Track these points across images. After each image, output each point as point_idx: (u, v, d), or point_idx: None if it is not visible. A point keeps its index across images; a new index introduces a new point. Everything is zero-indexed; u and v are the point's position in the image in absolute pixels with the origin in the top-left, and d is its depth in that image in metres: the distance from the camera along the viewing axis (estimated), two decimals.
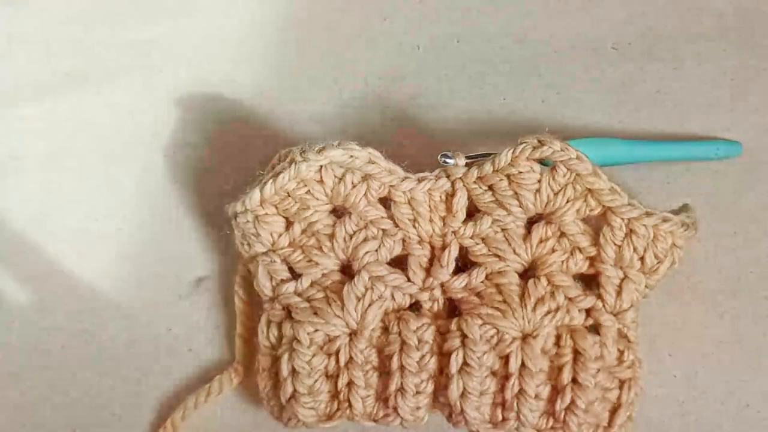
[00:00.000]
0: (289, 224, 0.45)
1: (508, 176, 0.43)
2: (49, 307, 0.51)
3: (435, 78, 0.53)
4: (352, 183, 0.44)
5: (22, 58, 0.55)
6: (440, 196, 0.45)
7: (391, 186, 0.44)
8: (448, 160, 0.44)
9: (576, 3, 0.53)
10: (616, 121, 0.51)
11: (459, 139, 0.52)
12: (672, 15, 0.53)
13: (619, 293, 0.44)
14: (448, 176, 0.44)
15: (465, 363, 0.43)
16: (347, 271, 0.46)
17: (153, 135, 0.53)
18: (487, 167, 0.43)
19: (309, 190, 0.44)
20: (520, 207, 0.43)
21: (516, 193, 0.43)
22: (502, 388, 0.43)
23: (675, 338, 0.48)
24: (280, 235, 0.45)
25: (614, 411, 0.44)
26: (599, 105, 0.51)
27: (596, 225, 0.44)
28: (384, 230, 0.45)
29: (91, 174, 0.53)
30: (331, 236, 0.45)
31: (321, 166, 0.44)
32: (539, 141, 0.43)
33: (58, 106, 0.54)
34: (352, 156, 0.43)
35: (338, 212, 0.46)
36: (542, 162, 0.43)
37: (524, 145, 0.43)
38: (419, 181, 0.44)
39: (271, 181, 0.43)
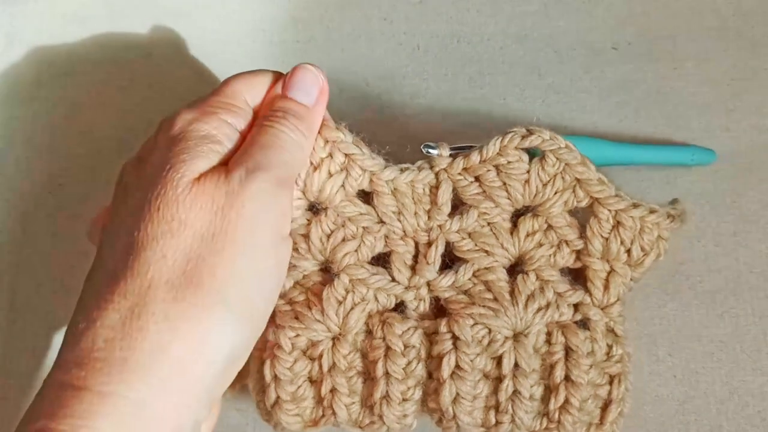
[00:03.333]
0: None
1: (496, 166, 0.42)
2: (48, 307, 0.51)
3: (435, 78, 0.53)
4: (329, 172, 0.41)
5: (22, 58, 0.55)
6: (423, 189, 0.42)
7: (372, 174, 0.41)
8: (431, 151, 0.42)
9: (576, 3, 0.53)
10: (616, 121, 0.51)
11: (459, 139, 0.52)
12: (672, 15, 0.53)
13: (606, 287, 0.43)
14: (431, 167, 0.42)
15: (458, 366, 0.41)
16: (330, 269, 0.43)
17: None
18: (474, 157, 0.42)
19: None
20: (509, 198, 0.42)
21: (505, 183, 0.42)
22: (494, 391, 0.41)
23: (675, 338, 0.48)
24: None
25: (605, 407, 0.43)
26: (599, 105, 0.51)
27: (582, 218, 0.43)
28: (364, 228, 0.42)
29: (91, 174, 0.53)
30: (306, 236, 0.42)
31: None
32: (528, 130, 0.42)
33: (58, 106, 0.54)
34: (339, 127, 0.41)
35: (315, 210, 0.42)
36: (529, 153, 0.42)
37: (512, 134, 0.42)
38: (401, 171, 0.42)
39: None
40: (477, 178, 0.42)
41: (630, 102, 0.51)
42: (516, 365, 0.41)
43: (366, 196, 0.42)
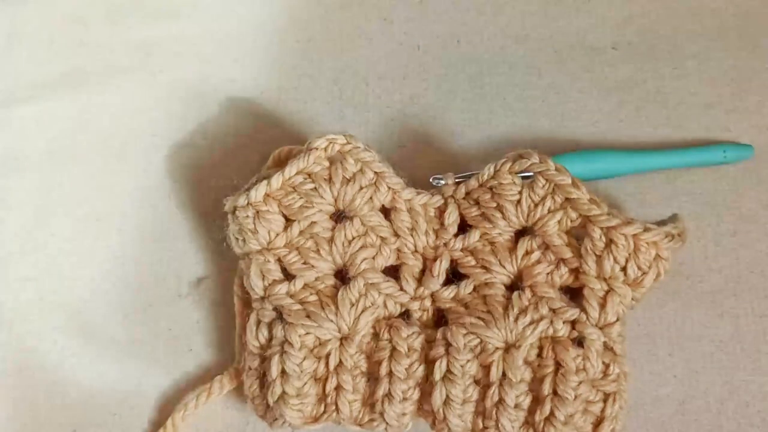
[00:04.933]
0: (287, 225, 0.45)
1: (491, 189, 0.45)
2: (49, 307, 0.51)
3: (435, 78, 0.53)
4: (361, 186, 0.45)
5: (22, 58, 0.55)
6: (434, 212, 0.46)
7: (395, 192, 0.45)
8: (439, 182, 0.47)
9: (576, 3, 0.53)
10: (616, 121, 0.51)
11: (459, 140, 0.52)
12: (672, 15, 0.53)
13: (603, 306, 0.43)
14: (441, 194, 0.46)
15: (449, 371, 0.43)
16: (338, 276, 0.46)
17: (153, 135, 0.53)
18: (473, 182, 0.45)
19: (316, 187, 0.44)
20: (504, 219, 0.44)
21: (499, 204, 0.44)
22: (484, 397, 0.43)
23: (675, 338, 0.48)
24: (278, 235, 0.45)
25: (598, 424, 0.44)
26: (599, 105, 0.51)
27: (583, 239, 0.44)
28: (383, 238, 0.45)
29: (91, 174, 0.53)
30: (330, 240, 0.45)
31: (331, 165, 0.45)
32: (519, 155, 0.44)
33: (58, 105, 0.54)
34: (368, 148, 0.45)
35: (336, 219, 0.46)
36: (527, 177, 0.44)
37: (505, 159, 0.45)
38: (417, 193, 0.46)
39: (279, 173, 0.44)
40: (476, 201, 0.45)
41: (630, 102, 0.51)
42: (504, 375, 0.43)
43: (384, 213, 0.46)
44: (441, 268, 0.45)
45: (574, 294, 0.45)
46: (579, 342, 0.43)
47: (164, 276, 0.51)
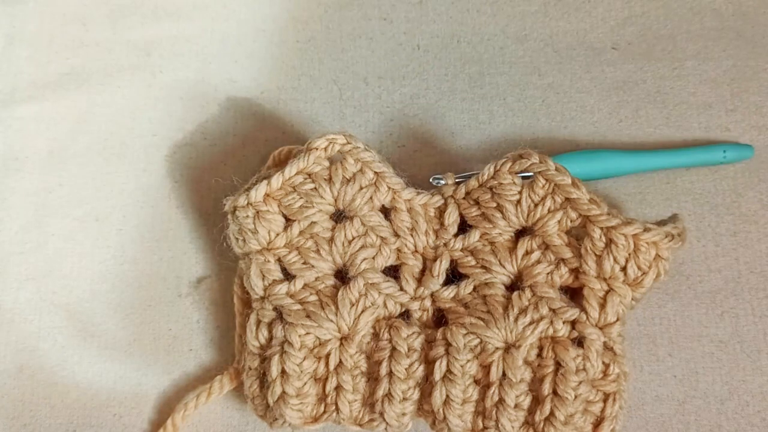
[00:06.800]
0: (287, 225, 0.45)
1: (491, 189, 0.45)
2: (49, 307, 0.51)
3: (435, 78, 0.53)
4: (360, 186, 0.45)
5: (22, 58, 0.55)
6: (434, 212, 0.46)
7: (395, 192, 0.45)
8: (439, 182, 0.47)
9: (576, 3, 0.53)
10: (616, 121, 0.51)
11: (459, 140, 0.52)
12: (672, 15, 0.53)
13: (603, 306, 0.43)
14: (441, 194, 0.46)
15: (448, 371, 0.43)
16: (338, 276, 0.46)
17: (153, 135, 0.53)
18: (473, 182, 0.45)
19: (316, 187, 0.44)
20: (504, 219, 0.44)
21: (499, 204, 0.44)
22: (484, 397, 0.43)
23: (675, 338, 0.48)
24: (278, 235, 0.45)
25: (598, 424, 0.44)
26: (599, 105, 0.52)
27: (583, 239, 0.44)
28: (383, 238, 0.45)
29: (91, 174, 0.53)
30: (331, 240, 0.45)
31: (331, 165, 0.45)
32: (519, 155, 0.44)
33: (58, 105, 0.54)
34: (368, 148, 0.45)
35: (336, 219, 0.46)
36: (527, 177, 0.44)
37: (505, 159, 0.45)
38: (418, 193, 0.46)
39: (279, 173, 0.44)
40: (476, 201, 0.45)
41: (630, 102, 0.51)
42: (504, 375, 0.43)
43: (384, 213, 0.46)
44: (441, 268, 0.45)
45: (574, 294, 0.45)
46: (579, 342, 0.43)
47: (164, 276, 0.51)
